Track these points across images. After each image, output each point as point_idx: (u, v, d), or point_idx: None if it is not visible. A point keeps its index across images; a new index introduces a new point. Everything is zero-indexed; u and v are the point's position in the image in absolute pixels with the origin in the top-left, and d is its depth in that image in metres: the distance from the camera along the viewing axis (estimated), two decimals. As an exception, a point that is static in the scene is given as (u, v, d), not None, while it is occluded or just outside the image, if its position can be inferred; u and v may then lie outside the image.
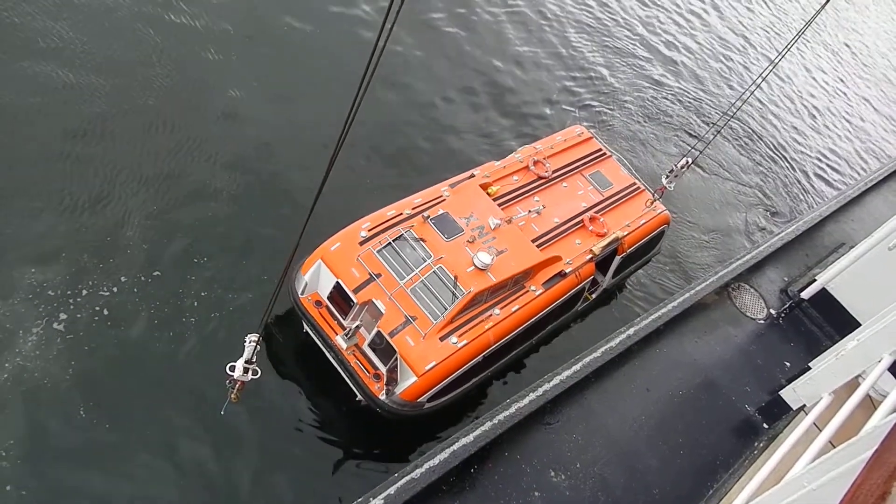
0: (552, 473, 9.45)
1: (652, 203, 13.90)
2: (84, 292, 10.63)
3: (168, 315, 10.93)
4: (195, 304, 11.18)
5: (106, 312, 10.59)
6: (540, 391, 10.12)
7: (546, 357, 12.95)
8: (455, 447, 9.00)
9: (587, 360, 10.82)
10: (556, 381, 10.35)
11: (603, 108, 19.88)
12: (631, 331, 11.56)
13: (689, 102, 22.34)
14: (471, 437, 9.16)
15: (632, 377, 11.15)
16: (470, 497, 8.83)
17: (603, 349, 11.08)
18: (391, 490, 8.33)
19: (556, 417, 10.12)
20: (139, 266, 11.23)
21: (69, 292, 10.53)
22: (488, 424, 9.42)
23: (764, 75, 12.74)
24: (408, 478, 8.50)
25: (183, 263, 11.54)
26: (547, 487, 9.27)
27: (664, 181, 13.55)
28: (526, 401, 9.92)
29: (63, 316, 10.27)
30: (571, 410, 10.29)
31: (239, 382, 7.22)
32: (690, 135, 20.61)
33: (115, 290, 10.84)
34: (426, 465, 8.69)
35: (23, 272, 10.44)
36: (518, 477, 9.23)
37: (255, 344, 7.05)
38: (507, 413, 9.65)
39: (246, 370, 7.14)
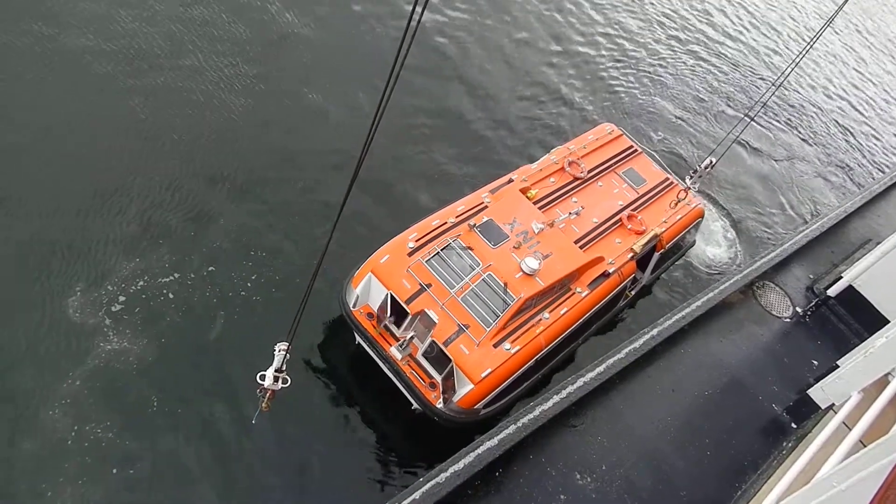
0: (578, 476, 9.42)
1: (676, 204, 13.82)
2: (167, 279, 11.32)
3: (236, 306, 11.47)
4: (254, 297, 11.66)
5: (171, 296, 11.12)
6: (564, 393, 10.09)
7: (570, 358, 12.91)
8: (480, 451, 9.00)
9: (611, 361, 10.77)
10: (580, 382, 10.32)
11: (633, 98, 20.09)
12: (655, 331, 11.49)
13: (722, 89, 22.51)
14: (495, 441, 9.16)
15: (657, 378, 11.07)
16: (496, 501, 8.83)
17: (627, 350, 11.02)
18: (416, 495, 8.34)
19: (581, 419, 10.09)
20: (215, 260, 11.82)
21: (142, 284, 11.15)
22: (512, 428, 9.41)
23: (794, 64, 12.70)
24: (433, 482, 8.52)
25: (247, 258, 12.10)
26: (573, 490, 9.24)
27: (688, 181, 13.49)
28: (550, 403, 9.90)
29: (122, 298, 10.83)
30: (596, 412, 10.25)
31: (269, 391, 7.27)
32: (723, 120, 20.69)
33: (184, 281, 11.36)
34: (451, 470, 8.70)
35: (109, 265, 11.14)
36: (544, 480, 9.21)
37: (284, 352, 7.09)
38: (531, 416, 9.64)
39: (276, 379, 7.17)
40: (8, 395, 9.56)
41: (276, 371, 7.15)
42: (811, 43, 12.30)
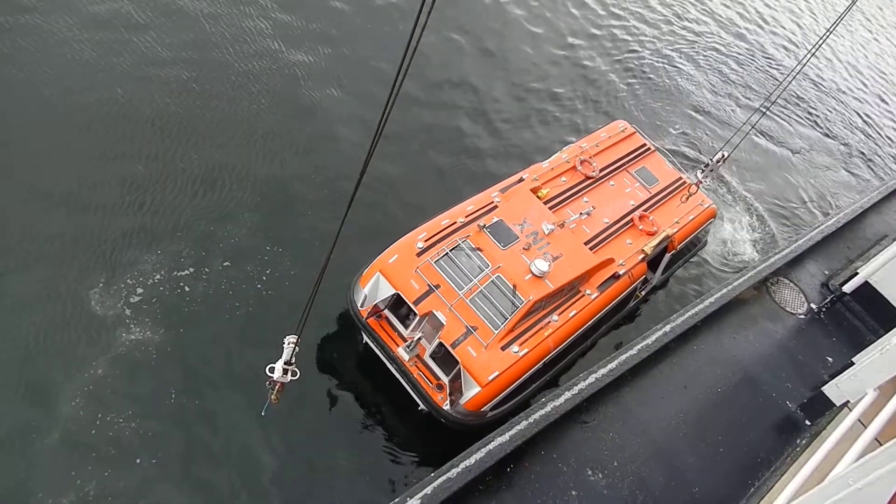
0: (589, 472, 9.40)
1: (688, 199, 13.70)
2: (186, 272, 11.45)
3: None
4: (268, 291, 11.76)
5: (187, 289, 11.23)
6: (575, 389, 10.07)
7: (582, 354, 12.88)
8: (491, 446, 9.00)
9: (623, 357, 10.73)
10: (591, 379, 10.29)
11: (646, 94, 20.03)
12: (667, 328, 11.43)
13: (736, 83, 22.41)
14: (506, 437, 9.16)
15: (669, 374, 11.02)
16: (507, 496, 8.83)
17: (639, 346, 10.98)
18: (428, 490, 8.36)
19: (593, 416, 10.06)
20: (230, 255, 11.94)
21: (161, 276, 11.30)
22: (524, 423, 9.40)
23: (807, 58, 12.57)
24: (444, 477, 8.53)
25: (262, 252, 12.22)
26: (584, 486, 9.22)
27: (700, 175, 13.37)
28: (561, 399, 9.88)
29: (140, 290, 10.97)
30: (608, 408, 10.22)
31: (279, 384, 7.30)
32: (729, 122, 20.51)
33: (199, 275, 11.49)
34: (462, 465, 8.70)
35: (129, 259, 11.33)
36: (555, 476, 9.21)
37: (293, 345, 7.12)
38: (542, 412, 9.63)
39: (285, 371, 7.21)
40: (32, 385, 9.68)
41: (285, 364, 7.19)
42: (826, 35, 12.13)
